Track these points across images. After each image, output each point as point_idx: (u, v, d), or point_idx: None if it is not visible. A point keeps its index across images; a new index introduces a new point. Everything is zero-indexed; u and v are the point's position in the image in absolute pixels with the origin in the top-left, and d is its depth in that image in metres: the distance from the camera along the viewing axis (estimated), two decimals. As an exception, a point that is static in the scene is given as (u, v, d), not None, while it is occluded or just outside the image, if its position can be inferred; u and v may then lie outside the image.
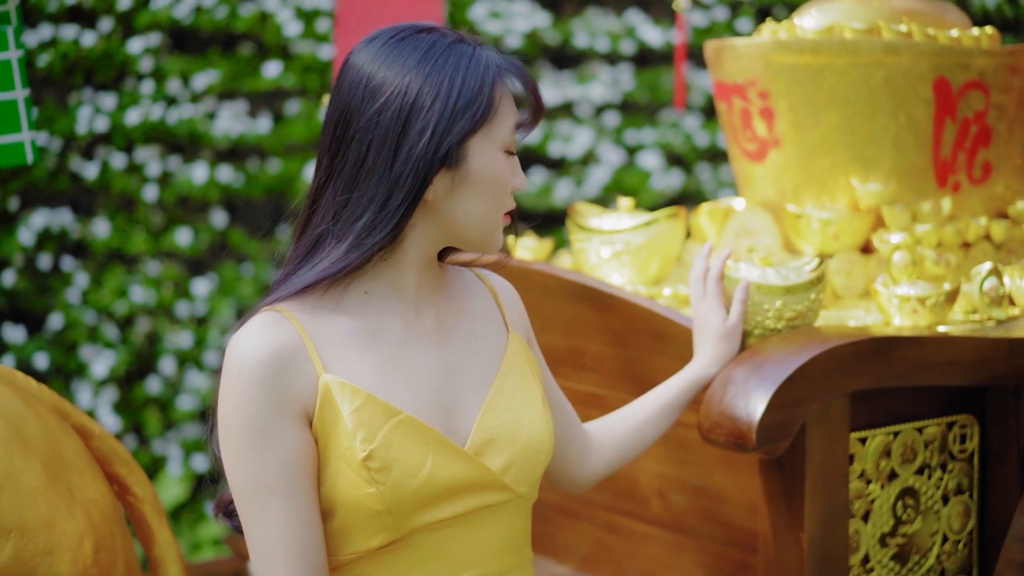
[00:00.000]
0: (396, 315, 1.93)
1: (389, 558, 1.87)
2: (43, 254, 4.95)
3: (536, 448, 1.97)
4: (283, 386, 1.81)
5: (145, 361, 5.07)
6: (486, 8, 5.47)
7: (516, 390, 1.99)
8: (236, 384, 1.81)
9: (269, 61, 5.16)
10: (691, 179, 5.77)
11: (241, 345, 1.83)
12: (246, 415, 1.80)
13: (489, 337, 2.03)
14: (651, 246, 2.89)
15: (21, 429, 2.26)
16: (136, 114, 4.97)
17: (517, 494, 1.95)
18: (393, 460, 1.82)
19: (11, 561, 2.15)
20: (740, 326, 2.34)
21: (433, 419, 1.88)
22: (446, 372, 1.94)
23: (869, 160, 2.90)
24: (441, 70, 1.87)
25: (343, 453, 1.82)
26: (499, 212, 1.92)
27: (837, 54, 2.84)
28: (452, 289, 2.04)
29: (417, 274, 1.94)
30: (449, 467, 1.86)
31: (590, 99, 5.62)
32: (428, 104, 1.85)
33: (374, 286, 1.91)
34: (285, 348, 1.82)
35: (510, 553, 1.97)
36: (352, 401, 1.82)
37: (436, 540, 1.88)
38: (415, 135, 1.84)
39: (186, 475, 4.95)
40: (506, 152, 1.90)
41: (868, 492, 2.44)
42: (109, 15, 5.00)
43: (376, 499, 1.81)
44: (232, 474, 1.84)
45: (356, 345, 1.88)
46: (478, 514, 1.92)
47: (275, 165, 5.15)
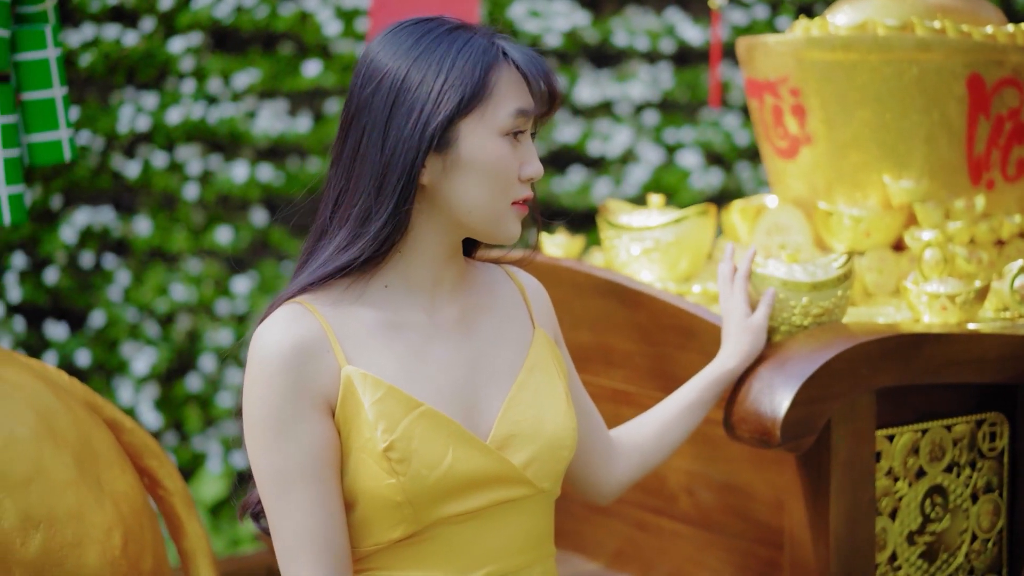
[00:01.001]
0: (419, 309, 1.94)
1: (409, 551, 1.88)
2: (85, 252, 5.00)
3: (559, 444, 1.97)
4: (306, 377, 1.83)
5: (185, 358, 5.11)
6: (525, 7, 5.48)
7: (540, 385, 1.99)
8: (260, 376, 1.83)
9: (309, 60, 5.19)
10: (731, 177, 5.75)
11: (264, 337, 1.85)
12: (269, 406, 1.82)
13: (514, 332, 2.04)
14: (681, 243, 2.89)
15: (52, 422, 2.29)
16: (177, 113, 5.01)
17: (539, 489, 1.95)
18: (414, 451, 1.83)
19: (40, 552, 2.17)
20: (765, 324, 2.33)
21: (455, 412, 1.89)
22: (469, 366, 1.95)
23: (902, 157, 2.89)
24: (432, 53, 1.88)
25: (364, 444, 1.83)
26: (502, 199, 1.90)
27: (869, 51, 2.83)
28: (478, 284, 2.05)
29: (434, 267, 1.95)
30: (470, 460, 1.87)
31: (629, 98, 5.62)
32: (415, 85, 1.86)
33: (392, 279, 1.93)
34: (308, 340, 1.84)
35: (532, 548, 1.98)
36: (374, 392, 1.83)
37: (456, 534, 1.89)
38: (403, 116, 1.85)
39: (226, 472, 4.99)
40: (506, 136, 1.88)
41: (896, 490, 2.43)
42: (151, 15, 5.04)
43: (396, 490, 1.82)
44: (256, 465, 1.86)
45: (379, 338, 1.89)
46: (499, 508, 1.92)
47: (315, 164, 5.18)
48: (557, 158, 5.61)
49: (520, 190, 1.91)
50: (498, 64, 1.88)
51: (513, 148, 1.89)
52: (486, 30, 1.93)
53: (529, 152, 1.92)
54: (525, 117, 1.90)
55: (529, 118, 1.91)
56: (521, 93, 1.89)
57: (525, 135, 1.93)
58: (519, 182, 1.91)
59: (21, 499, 2.17)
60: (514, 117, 1.88)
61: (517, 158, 1.90)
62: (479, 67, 1.86)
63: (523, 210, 1.93)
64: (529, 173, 1.91)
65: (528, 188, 1.92)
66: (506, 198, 1.90)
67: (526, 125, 1.91)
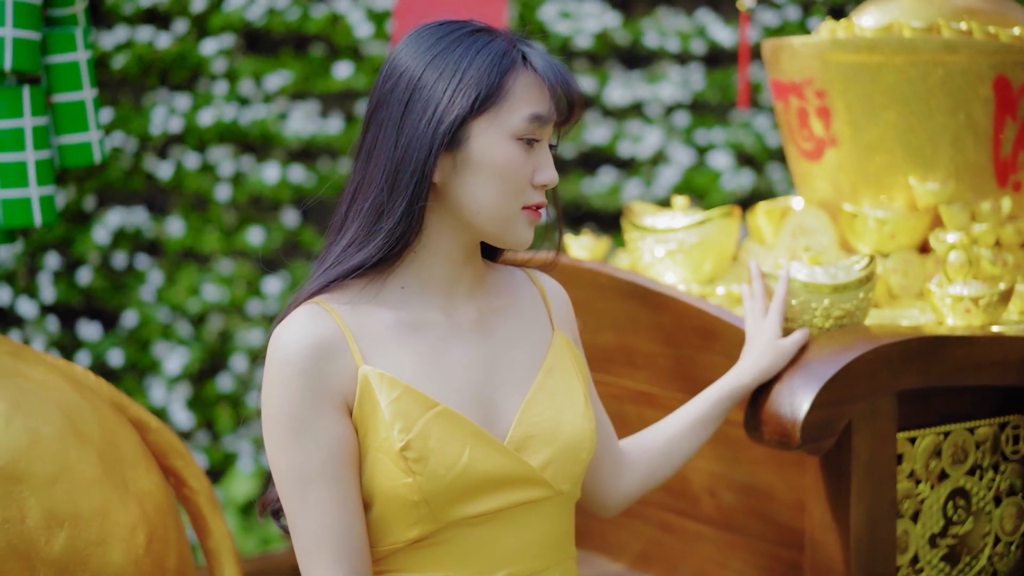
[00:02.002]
0: (436, 309, 1.95)
1: (426, 552, 1.89)
2: (118, 252, 5.04)
3: (577, 445, 1.97)
4: (323, 377, 1.84)
5: (217, 358, 5.14)
6: (556, 8, 5.49)
7: (558, 387, 2.00)
8: (278, 376, 1.85)
9: (340, 62, 5.21)
10: (762, 179, 5.74)
11: (283, 337, 1.86)
12: (288, 405, 1.84)
13: (533, 335, 2.04)
14: (705, 245, 2.89)
15: (77, 421, 2.32)
16: (209, 115, 5.05)
17: (557, 491, 1.96)
18: (430, 451, 1.84)
19: (65, 550, 2.20)
20: (792, 353, 2.30)
21: (472, 413, 1.90)
22: (487, 367, 1.96)
23: (927, 159, 2.88)
24: (450, 53, 1.90)
25: (381, 443, 1.84)
26: (512, 202, 1.91)
27: (895, 52, 2.83)
28: (498, 287, 2.06)
29: (450, 268, 1.96)
30: (487, 460, 1.88)
31: (660, 99, 5.62)
32: (431, 84, 1.88)
33: (408, 280, 1.94)
34: (325, 340, 1.85)
35: (550, 551, 1.98)
36: (390, 392, 1.85)
37: (474, 535, 1.90)
38: (417, 113, 1.88)
39: (257, 471, 5.02)
40: (519, 140, 1.89)
41: (917, 492, 2.43)
42: (183, 17, 5.08)
43: (413, 489, 1.83)
44: (275, 464, 1.87)
45: (396, 338, 1.90)
46: (517, 510, 1.93)
47: (346, 165, 5.20)
48: (587, 159, 5.62)
49: (532, 196, 1.91)
50: (516, 68, 1.89)
51: (526, 153, 1.90)
52: (510, 35, 1.94)
53: (544, 159, 1.92)
54: (540, 123, 1.90)
55: (545, 124, 1.91)
56: (538, 99, 1.90)
57: (543, 142, 1.93)
58: (532, 188, 1.91)
59: (46, 497, 2.20)
60: (528, 121, 1.89)
61: (530, 163, 1.91)
62: (496, 69, 1.88)
63: (535, 216, 1.93)
64: (542, 179, 1.91)
65: (541, 195, 1.92)
66: (516, 202, 1.91)
67: (542, 131, 1.91)
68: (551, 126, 1.93)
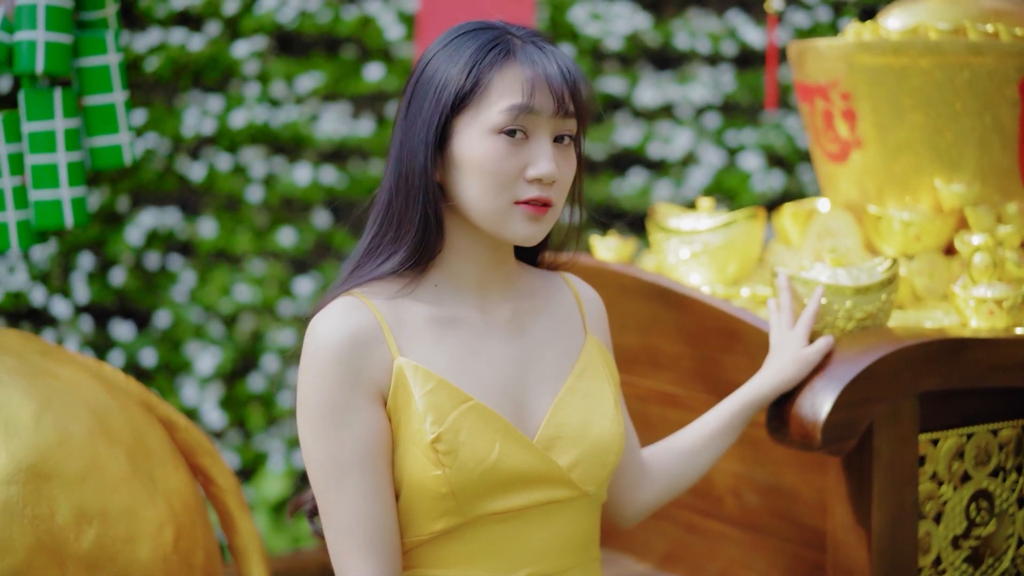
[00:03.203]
0: (471, 307, 1.97)
1: (451, 546, 1.91)
2: (151, 253, 5.08)
3: (605, 448, 1.99)
4: (360, 367, 1.86)
5: (249, 358, 5.17)
6: (586, 10, 5.50)
7: (589, 390, 2.02)
8: (314, 365, 1.87)
9: (371, 64, 5.24)
10: (792, 180, 5.74)
11: (320, 328, 1.89)
12: (324, 395, 1.86)
13: (566, 337, 2.06)
14: (729, 247, 2.90)
15: (106, 420, 2.35)
16: (241, 116, 5.08)
17: (584, 492, 1.97)
18: (461, 444, 1.86)
19: (93, 546, 2.23)
20: (815, 361, 2.28)
21: (503, 410, 1.92)
22: (519, 366, 1.98)
23: (953, 161, 2.89)
24: (443, 55, 1.94)
25: (413, 435, 1.86)
26: (501, 198, 1.90)
27: (920, 55, 2.83)
28: (533, 288, 2.08)
29: (479, 268, 1.98)
30: (516, 456, 1.90)
31: (690, 100, 5.62)
32: (424, 86, 1.93)
33: (441, 279, 1.97)
34: (362, 331, 1.88)
35: (574, 552, 1.99)
36: (424, 384, 1.87)
37: (499, 532, 1.92)
38: (413, 116, 1.93)
39: (288, 471, 5.04)
40: (499, 134, 1.88)
41: (940, 494, 2.43)
42: (216, 19, 5.11)
43: (441, 482, 1.85)
44: (310, 454, 1.89)
45: (431, 332, 1.93)
46: (543, 509, 1.94)
47: (377, 166, 5.22)
48: (617, 160, 5.63)
49: (525, 190, 1.90)
50: (498, 62, 1.90)
51: (511, 146, 1.89)
52: (512, 30, 1.95)
53: (538, 152, 1.91)
54: (520, 114, 1.88)
55: (530, 115, 1.89)
56: (519, 90, 1.89)
57: (539, 135, 1.91)
58: (525, 182, 1.90)
59: (75, 495, 2.23)
60: (504, 113, 1.88)
61: (520, 157, 1.90)
62: (474, 65, 1.89)
63: (533, 211, 1.91)
64: (533, 173, 1.90)
65: (537, 189, 1.90)
66: (505, 197, 1.90)
67: (530, 122, 1.90)
68: (544, 117, 1.91)
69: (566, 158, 1.95)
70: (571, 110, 1.93)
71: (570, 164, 1.96)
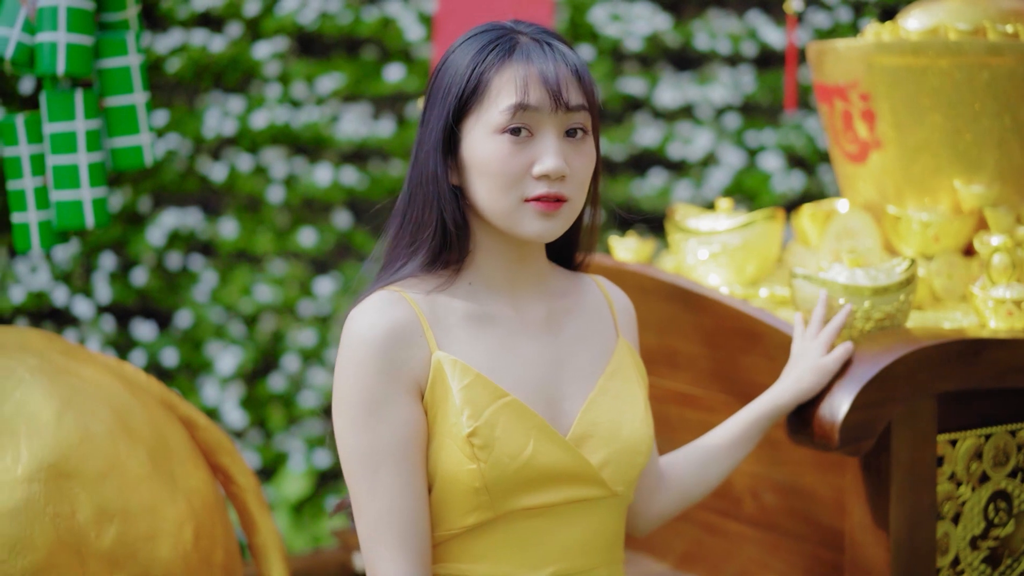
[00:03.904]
0: (505, 304, 1.99)
1: (480, 540, 1.92)
2: (172, 253, 5.10)
3: (635, 449, 2.00)
4: (399, 360, 1.87)
5: (269, 358, 5.19)
6: (606, 11, 5.51)
7: (620, 391, 2.03)
8: (354, 357, 1.88)
9: (392, 65, 5.25)
10: (813, 181, 5.73)
11: (360, 320, 1.89)
12: (363, 387, 1.87)
13: (598, 338, 2.08)
14: (748, 247, 2.90)
15: (127, 419, 2.36)
16: (262, 117, 5.09)
17: (613, 492, 1.98)
18: (496, 439, 1.87)
19: (114, 544, 2.24)
20: (835, 369, 2.27)
21: (537, 407, 1.94)
22: (553, 365, 1.99)
23: (972, 162, 2.88)
24: (455, 54, 1.95)
25: (449, 429, 1.87)
26: (508, 197, 1.91)
27: (939, 55, 2.83)
28: (565, 289, 2.09)
29: (508, 266, 1.99)
30: (549, 453, 1.91)
31: (711, 101, 5.62)
32: (437, 87, 1.95)
33: (474, 277, 1.99)
34: (402, 324, 1.89)
35: (599, 551, 2.01)
36: (462, 378, 1.88)
37: (528, 528, 1.93)
38: (428, 119, 1.96)
39: (308, 471, 5.06)
40: (503, 133, 1.89)
41: (958, 494, 2.43)
42: (237, 20, 5.13)
43: (476, 476, 1.86)
44: (345, 445, 1.90)
45: (468, 328, 1.94)
46: (572, 507, 1.95)
47: (397, 167, 5.24)
48: (637, 161, 5.63)
49: (533, 187, 1.91)
50: (496, 63, 1.91)
51: (515, 145, 1.90)
52: (516, 29, 1.96)
53: (544, 149, 1.91)
54: (521, 112, 1.89)
55: (531, 113, 1.90)
56: (518, 89, 1.89)
57: (544, 131, 1.91)
58: (533, 179, 1.91)
59: (96, 493, 2.25)
60: (505, 113, 1.89)
61: (525, 155, 1.90)
62: (475, 67, 1.91)
63: (544, 207, 1.91)
64: (539, 170, 1.90)
65: (545, 186, 1.90)
66: (513, 195, 1.91)
67: (532, 120, 1.90)
68: (545, 113, 1.91)
69: (579, 152, 1.95)
70: (572, 103, 1.92)
71: (584, 157, 1.96)
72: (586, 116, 1.95)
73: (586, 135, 1.96)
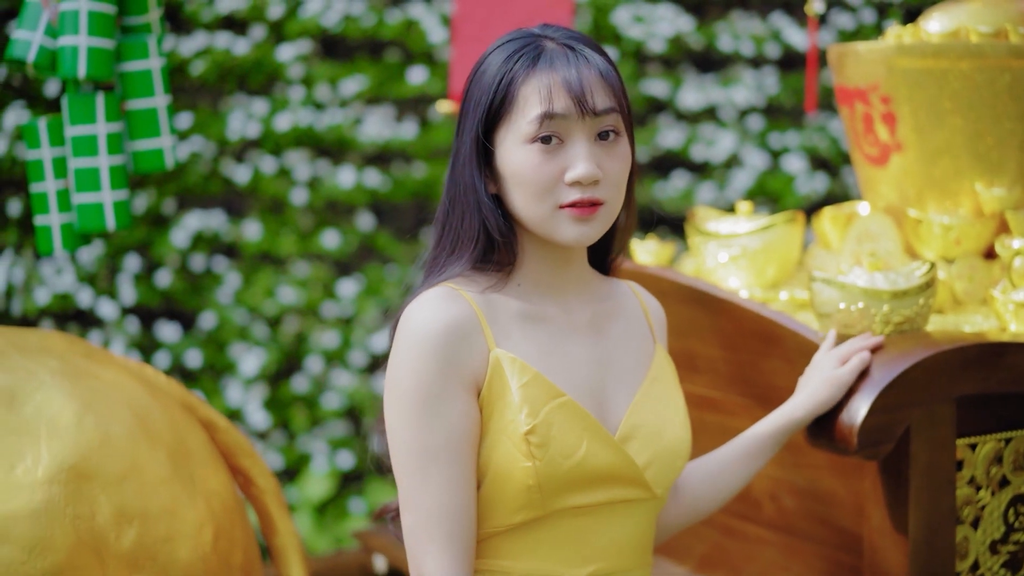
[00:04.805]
0: (554, 305, 2.00)
1: (525, 538, 1.93)
2: (196, 255, 5.12)
3: (676, 452, 2.02)
4: (458, 356, 1.88)
5: (293, 360, 5.21)
6: (630, 13, 5.50)
7: (661, 395, 2.05)
8: (413, 350, 1.88)
9: (415, 67, 5.26)
10: (836, 183, 5.72)
11: (420, 314, 1.90)
12: (420, 382, 1.87)
13: (638, 343, 2.09)
14: (768, 250, 2.90)
15: (147, 421, 2.37)
16: (286, 120, 5.11)
17: (654, 494, 2.00)
18: (552, 438, 1.88)
19: (134, 546, 2.26)
20: (849, 381, 2.26)
21: (586, 408, 1.95)
22: (599, 366, 2.01)
23: (994, 165, 2.87)
24: (484, 64, 1.96)
25: (506, 426, 1.88)
26: (543, 205, 1.92)
27: (960, 58, 2.82)
28: (606, 294, 2.10)
29: (553, 269, 2.00)
30: (601, 454, 1.92)
31: (734, 102, 5.62)
32: (468, 98, 1.97)
33: (522, 278, 2.00)
34: (461, 320, 1.89)
35: (635, 553, 2.02)
36: (521, 376, 1.89)
37: (572, 526, 1.94)
38: (461, 130, 1.97)
39: (331, 472, 5.08)
40: (533, 143, 1.90)
41: (978, 498, 2.42)
42: (260, 23, 5.15)
43: (530, 474, 1.87)
44: (398, 439, 1.90)
45: (522, 327, 1.95)
46: (616, 507, 1.97)
47: (420, 169, 5.25)
48: (660, 163, 5.63)
49: (567, 194, 1.91)
50: (522, 72, 1.91)
51: (546, 154, 1.90)
52: (556, 34, 1.96)
53: (575, 155, 1.91)
54: (549, 121, 1.90)
55: (560, 120, 1.90)
56: (545, 98, 1.90)
57: (575, 138, 1.92)
58: (566, 186, 1.91)
59: (116, 495, 2.26)
60: (534, 123, 1.90)
61: (557, 162, 1.91)
62: (502, 78, 1.92)
63: (579, 212, 1.91)
64: (571, 176, 1.91)
65: (579, 192, 1.91)
66: (548, 203, 1.92)
67: (562, 128, 1.91)
68: (572, 119, 1.91)
69: (612, 154, 1.95)
70: (599, 108, 1.92)
71: (617, 159, 1.96)
72: (616, 118, 1.95)
73: (618, 136, 1.96)
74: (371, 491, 5.08)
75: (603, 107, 1.93)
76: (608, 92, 1.94)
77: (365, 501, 5.07)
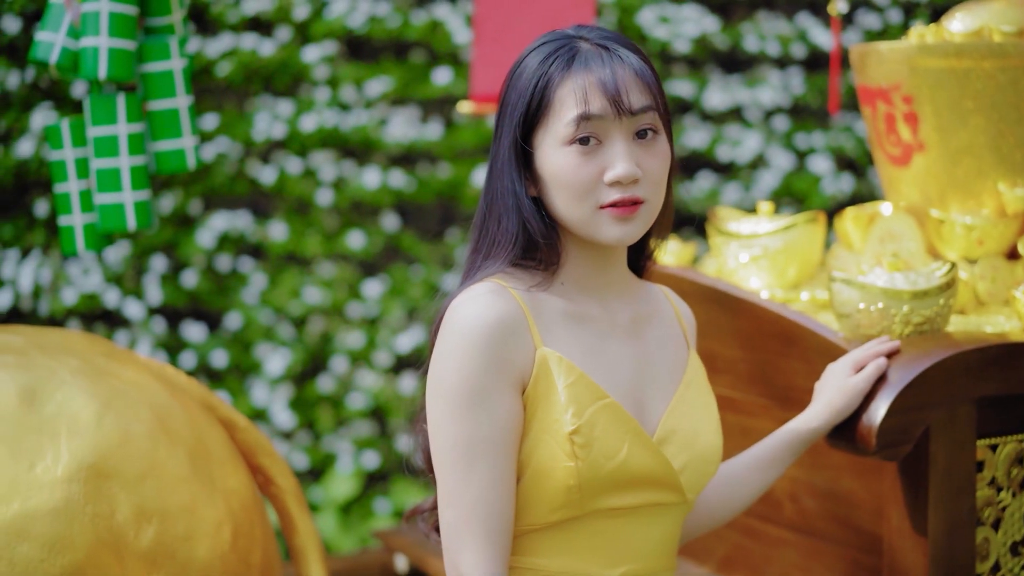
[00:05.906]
0: (597, 305, 2.01)
1: (559, 537, 1.94)
2: (222, 255, 5.13)
3: (709, 457, 2.03)
4: (505, 352, 1.88)
5: (318, 360, 5.22)
6: (655, 14, 5.50)
7: (696, 401, 2.05)
8: (460, 345, 1.88)
9: (440, 68, 5.26)
10: (862, 183, 5.70)
11: (468, 309, 1.90)
12: (467, 377, 1.87)
13: (674, 347, 2.10)
14: (789, 251, 2.89)
15: (167, 420, 2.38)
16: (311, 120, 5.12)
17: (685, 499, 2.01)
18: (595, 439, 1.88)
19: (153, 544, 2.27)
20: (865, 388, 2.25)
21: (626, 409, 1.95)
22: (638, 368, 2.01)
23: (1017, 164, 2.86)
24: (520, 67, 1.96)
25: (550, 425, 1.88)
26: (583, 206, 1.92)
27: (983, 57, 2.81)
28: (642, 297, 2.11)
29: (595, 269, 2.01)
30: (640, 457, 1.93)
31: (760, 103, 5.60)
32: (505, 102, 1.97)
33: (565, 277, 2.00)
34: (509, 316, 1.90)
35: (664, 556, 2.03)
36: (567, 376, 1.90)
37: (607, 527, 1.95)
38: (499, 133, 1.97)
39: (356, 472, 5.08)
40: (571, 145, 1.90)
41: (999, 500, 2.41)
42: (286, 25, 5.16)
43: (572, 473, 1.88)
44: (443, 433, 1.90)
45: (566, 326, 1.96)
46: (649, 510, 1.97)
47: (445, 170, 5.25)
48: (686, 164, 5.62)
49: (607, 194, 1.92)
50: (557, 75, 1.92)
51: (584, 155, 1.91)
52: (591, 34, 1.96)
53: (613, 155, 1.91)
54: (585, 122, 1.90)
55: (597, 121, 1.91)
56: (581, 99, 1.90)
57: (613, 138, 1.92)
58: (606, 186, 1.91)
59: (135, 493, 2.27)
60: (571, 125, 1.90)
61: (595, 163, 1.91)
62: (538, 81, 1.92)
63: (620, 212, 1.92)
64: (610, 177, 1.91)
65: (619, 191, 1.91)
66: (588, 204, 1.92)
67: (599, 129, 1.91)
68: (609, 120, 1.91)
69: (651, 152, 1.95)
70: (635, 107, 1.92)
71: (656, 157, 1.95)
72: (653, 116, 1.95)
73: (656, 134, 1.96)
74: (396, 491, 5.09)
75: (639, 106, 1.93)
76: (644, 90, 1.94)
77: (390, 501, 5.08)
